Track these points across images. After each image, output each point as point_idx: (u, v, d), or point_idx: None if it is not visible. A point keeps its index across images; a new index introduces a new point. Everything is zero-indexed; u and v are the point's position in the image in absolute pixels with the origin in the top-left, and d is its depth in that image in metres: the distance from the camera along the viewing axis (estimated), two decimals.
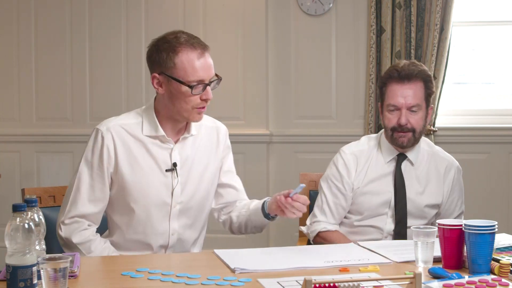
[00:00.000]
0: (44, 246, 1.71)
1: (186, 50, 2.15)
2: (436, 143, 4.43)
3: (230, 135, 2.47)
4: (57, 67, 4.85)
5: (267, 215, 2.29)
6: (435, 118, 4.42)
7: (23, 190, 2.41)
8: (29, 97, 4.88)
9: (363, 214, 2.57)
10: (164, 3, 4.73)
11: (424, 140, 2.63)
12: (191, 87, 2.14)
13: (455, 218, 2.58)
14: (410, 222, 2.53)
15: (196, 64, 2.15)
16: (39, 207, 1.75)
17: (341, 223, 2.62)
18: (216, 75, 2.21)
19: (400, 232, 2.52)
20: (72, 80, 4.84)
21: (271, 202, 2.25)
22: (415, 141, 2.53)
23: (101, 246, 2.21)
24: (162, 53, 2.16)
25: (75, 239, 2.18)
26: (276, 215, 2.27)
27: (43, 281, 1.58)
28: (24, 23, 4.85)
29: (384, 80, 2.55)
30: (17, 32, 4.86)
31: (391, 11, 4.39)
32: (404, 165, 2.57)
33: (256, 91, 4.65)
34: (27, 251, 1.56)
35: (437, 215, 2.60)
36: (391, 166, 2.57)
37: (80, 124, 4.82)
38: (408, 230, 2.52)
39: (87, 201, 2.21)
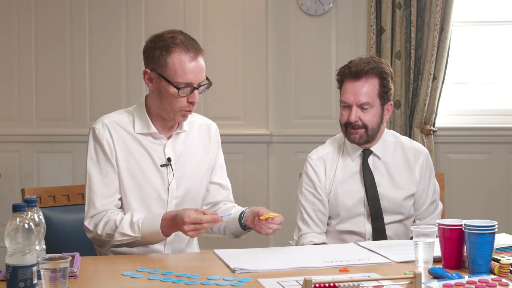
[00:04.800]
0: (44, 246, 1.71)
1: (179, 51, 2.17)
2: (436, 143, 4.47)
3: (230, 135, 2.47)
4: (57, 67, 4.84)
5: (243, 226, 2.29)
6: (435, 118, 4.41)
7: (23, 190, 2.41)
8: (29, 97, 4.88)
9: (340, 216, 2.52)
10: (164, 3, 4.73)
11: (389, 132, 2.60)
12: (178, 88, 2.16)
13: (428, 206, 2.55)
14: (387, 218, 2.50)
15: (187, 67, 2.17)
16: (39, 207, 1.76)
17: (326, 232, 2.58)
18: (207, 79, 2.23)
19: (378, 229, 2.47)
20: (72, 80, 4.84)
21: (248, 215, 2.25)
22: (368, 137, 2.49)
23: (120, 217, 2.19)
24: (156, 51, 2.20)
25: (99, 230, 2.19)
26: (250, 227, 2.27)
27: (43, 281, 1.58)
28: (24, 23, 4.85)
29: (340, 76, 2.53)
30: (17, 32, 4.86)
31: (391, 11, 4.39)
32: (372, 160, 2.54)
33: (256, 91, 4.64)
34: (27, 251, 1.56)
35: (413, 206, 2.55)
36: (358, 164, 2.55)
37: (80, 124, 4.81)
38: (386, 226, 2.49)
39: (101, 198, 2.22)
